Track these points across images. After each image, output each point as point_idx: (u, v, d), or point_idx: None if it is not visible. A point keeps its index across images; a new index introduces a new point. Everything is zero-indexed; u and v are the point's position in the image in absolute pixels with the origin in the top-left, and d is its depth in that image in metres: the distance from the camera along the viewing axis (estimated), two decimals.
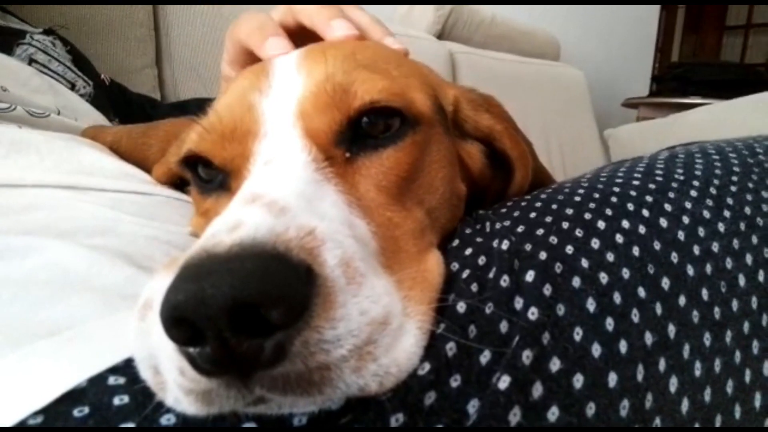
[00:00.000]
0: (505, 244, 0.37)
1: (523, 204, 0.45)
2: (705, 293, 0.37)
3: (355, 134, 0.39)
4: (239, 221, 0.27)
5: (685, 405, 0.33)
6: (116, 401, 0.27)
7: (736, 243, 0.41)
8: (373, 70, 0.41)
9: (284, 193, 0.31)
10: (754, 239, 0.42)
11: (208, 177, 0.42)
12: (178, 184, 0.56)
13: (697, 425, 0.33)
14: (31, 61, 0.86)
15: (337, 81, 0.39)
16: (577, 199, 0.44)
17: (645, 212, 0.41)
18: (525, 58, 2.57)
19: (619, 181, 0.47)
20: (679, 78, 3.13)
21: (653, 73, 3.64)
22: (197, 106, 1.12)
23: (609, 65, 3.36)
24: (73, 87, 0.89)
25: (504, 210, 0.45)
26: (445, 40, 2.29)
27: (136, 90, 1.20)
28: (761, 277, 0.40)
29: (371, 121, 0.39)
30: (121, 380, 0.28)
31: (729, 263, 0.40)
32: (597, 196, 0.44)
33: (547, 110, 2.50)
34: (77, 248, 0.36)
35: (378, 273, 0.31)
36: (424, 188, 0.42)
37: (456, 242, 0.41)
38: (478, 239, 0.40)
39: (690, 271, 0.38)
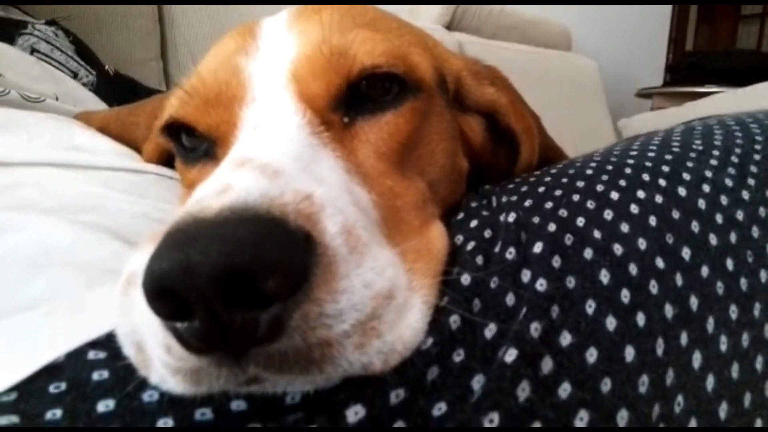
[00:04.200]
0: (511, 217, 0.35)
1: (531, 179, 0.43)
2: (730, 263, 0.35)
3: (353, 97, 0.37)
4: (228, 185, 0.25)
5: (710, 382, 0.31)
6: (95, 377, 0.25)
7: (762, 211, 0.38)
8: (373, 30, 0.39)
9: (277, 155, 0.29)
10: None
11: (192, 145, 0.40)
12: (169, 162, 0.54)
13: (724, 403, 0.31)
14: (33, 51, 0.85)
15: (333, 43, 0.36)
16: (589, 172, 0.41)
17: (662, 182, 0.39)
18: (536, 49, 2.53)
19: (633, 153, 0.44)
20: (693, 66, 3.07)
21: (667, 63, 3.57)
22: None
23: (622, 55, 3.31)
24: (75, 76, 0.88)
25: (511, 185, 0.43)
26: (454, 31, 2.26)
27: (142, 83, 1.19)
28: None
29: (370, 85, 0.37)
30: (102, 355, 0.26)
31: (756, 232, 0.37)
32: (610, 168, 0.42)
33: (560, 101, 2.46)
34: (61, 224, 0.34)
35: (381, 243, 0.29)
36: (424, 159, 0.39)
37: (461, 215, 0.39)
38: (484, 213, 0.38)
39: (713, 240, 0.35)
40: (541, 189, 0.40)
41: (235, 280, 0.21)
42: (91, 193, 0.40)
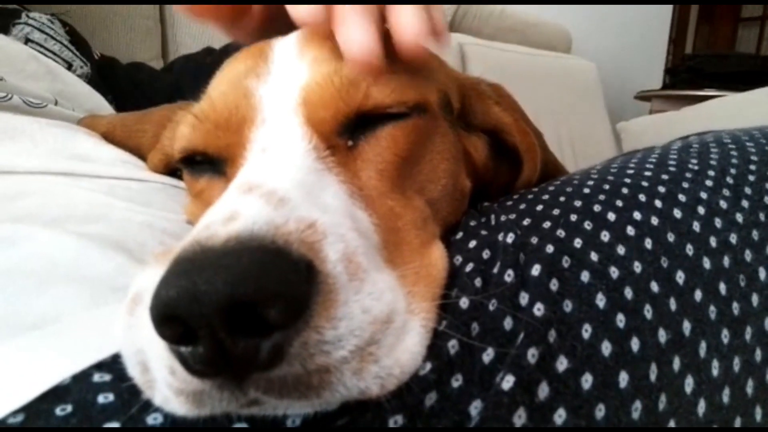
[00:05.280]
0: (510, 238, 0.36)
1: (529, 196, 0.44)
2: (723, 287, 0.35)
3: (359, 122, 0.37)
4: (235, 212, 0.26)
5: (701, 406, 0.31)
6: (101, 399, 0.26)
7: (755, 234, 0.39)
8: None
9: (283, 182, 0.29)
10: None
11: (202, 160, 0.40)
12: (174, 171, 0.55)
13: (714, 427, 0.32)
14: (27, 41, 0.84)
15: (345, 73, 0.37)
16: (586, 190, 0.42)
17: (657, 203, 0.40)
18: (536, 50, 2.54)
19: (630, 172, 0.45)
20: (693, 70, 3.07)
21: (666, 65, 3.57)
22: (183, 66, 1.10)
23: (621, 57, 3.31)
24: (69, 67, 0.87)
25: (510, 202, 0.44)
26: (455, 32, 2.26)
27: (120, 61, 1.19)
28: None
29: (376, 112, 0.38)
30: (107, 377, 0.27)
31: (748, 255, 0.38)
32: (607, 187, 0.42)
33: (559, 103, 2.47)
34: (66, 236, 0.35)
35: (380, 268, 0.29)
36: (426, 176, 0.40)
37: (460, 235, 0.39)
38: (483, 232, 0.38)
39: (706, 263, 0.36)
40: (539, 207, 0.40)
41: (239, 309, 0.21)
42: (95, 202, 0.41)
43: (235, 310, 0.21)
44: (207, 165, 0.40)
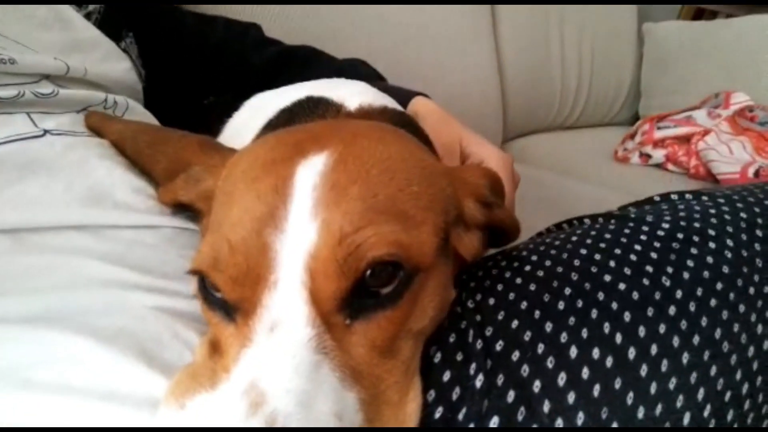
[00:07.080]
0: (479, 381, 0.41)
1: (510, 297, 0.48)
2: None
3: (356, 292, 0.38)
4: None
5: None
6: None
7: (693, 377, 0.43)
8: (389, 215, 0.39)
9: (286, 400, 0.32)
10: (694, 376, 0.43)
11: (213, 297, 0.40)
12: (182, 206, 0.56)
13: None
14: None
15: (347, 243, 0.36)
16: (561, 306, 0.45)
17: (618, 338, 0.43)
18: None
19: (607, 279, 0.48)
20: None
21: None
22: (226, 27, 1.05)
23: None
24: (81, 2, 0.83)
25: (492, 301, 0.48)
26: None
27: None
28: (706, 412, 0.43)
29: (373, 274, 0.38)
30: None
31: (680, 402, 0.42)
32: (580, 305, 0.46)
33: None
34: (95, 344, 0.37)
35: None
36: (413, 320, 0.41)
37: (438, 357, 0.43)
38: (458, 357, 0.43)
39: (640, 413, 0.41)
40: (515, 324, 0.45)
41: None
42: (112, 281, 0.43)
43: None
44: (220, 307, 0.40)
